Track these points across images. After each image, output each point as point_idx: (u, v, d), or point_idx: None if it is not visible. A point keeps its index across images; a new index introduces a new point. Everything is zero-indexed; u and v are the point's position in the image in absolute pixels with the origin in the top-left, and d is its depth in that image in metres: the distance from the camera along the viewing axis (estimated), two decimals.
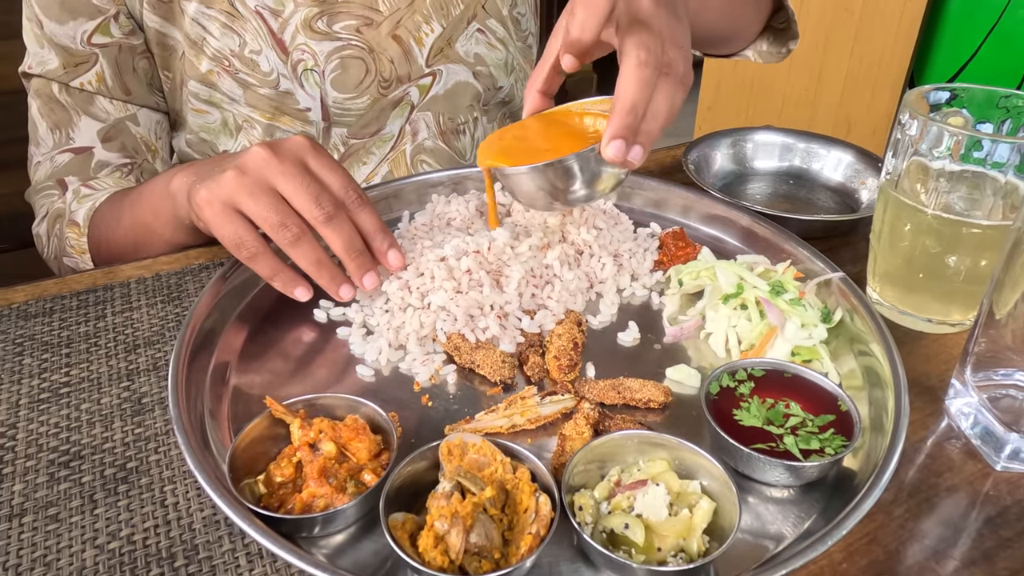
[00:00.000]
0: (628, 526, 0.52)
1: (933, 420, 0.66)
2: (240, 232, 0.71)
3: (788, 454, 0.57)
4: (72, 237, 0.95)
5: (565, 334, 0.72)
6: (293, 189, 0.71)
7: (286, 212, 0.71)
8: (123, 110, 0.99)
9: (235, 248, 0.72)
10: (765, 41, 1.13)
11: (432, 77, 1.06)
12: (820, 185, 1.04)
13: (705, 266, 0.79)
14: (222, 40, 0.96)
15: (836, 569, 0.54)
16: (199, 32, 0.96)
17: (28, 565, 0.53)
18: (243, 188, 0.70)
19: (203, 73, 0.98)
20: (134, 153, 1.01)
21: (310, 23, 0.97)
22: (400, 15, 1.01)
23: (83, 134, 0.97)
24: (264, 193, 0.70)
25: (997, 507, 0.59)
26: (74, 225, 0.95)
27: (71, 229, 0.95)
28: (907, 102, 0.70)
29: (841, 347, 0.72)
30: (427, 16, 1.03)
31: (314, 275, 0.73)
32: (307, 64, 0.98)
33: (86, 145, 0.98)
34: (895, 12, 2.53)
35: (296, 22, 0.97)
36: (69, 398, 0.67)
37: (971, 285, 0.72)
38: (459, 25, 1.06)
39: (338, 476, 0.56)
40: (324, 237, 0.72)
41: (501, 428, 0.63)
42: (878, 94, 2.68)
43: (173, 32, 0.97)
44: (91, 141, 0.98)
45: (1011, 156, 0.66)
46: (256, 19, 0.96)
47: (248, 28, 0.96)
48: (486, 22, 1.08)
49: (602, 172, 0.69)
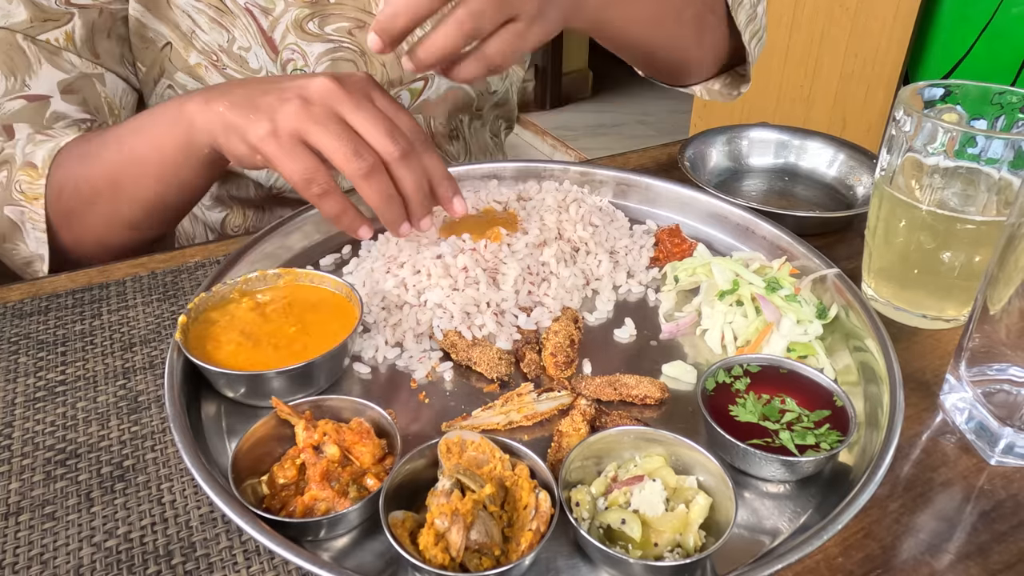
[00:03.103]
0: (625, 522, 0.52)
1: (928, 415, 0.67)
2: (311, 167, 0.68)
3: (784, 449, 0.58)
4: (24, 180, 0.84)
5: (562, 331, 0.72)
6: (365, 121, 0.68)
7: (360, 142, 0.68)
8: (90, 68, 0.92)
9: (305, 184, 0.69)
10: (719, 82, 1.10)
11: (424, 82, 1.06)
12: (815, 182, 1.04)
13: (701, 263, 0.79)
14: (210, 34, 0.95)
15: (832, 563, 0.54)
16: (189, 24, 0.94)
17: (25, 563, 0.53)
18: (311, 118, 0.67)
19: (191, 66, 0.96)
20: (95, 112, 0.93)
21: (301, 24, 0.96)
22: None
23: (41, 82, 0.89)
24: (335, 123, 0.67)
25: (991, 501, 0.59)
26: (29, 167, 0.84)
27: (24, 172, 0.84)
28: (901, 98, 0.70)
29: (836, 343, 0.73)
30: None
31: (382, 209, 0.70)
32: (297, 64, 0.97)
33: (43, 93, 0.89)
34: (890, 9, 2.54)
35: (287, 22, 0.96)
36: (65, 396, 0.67)
37: (965, 281, 0.72)
38: None
39: (340, 480, 0.56)
40: (395, 174, 0.69)
41: (498, 425, 0.63)
42: (873, 91, 2.69)
43: (155, 24, 0.95)
44: (49, 90, 0.89)
45: (1005, 152, 0.66)
46: (246, 16, 0.95)
47: (237, 24, 0.95)
48: None
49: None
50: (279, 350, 0.66)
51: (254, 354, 0.65)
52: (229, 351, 0.65)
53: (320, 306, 0.71)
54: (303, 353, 0.65)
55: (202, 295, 0.69)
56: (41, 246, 0.85)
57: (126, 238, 0.87)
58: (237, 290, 0.71)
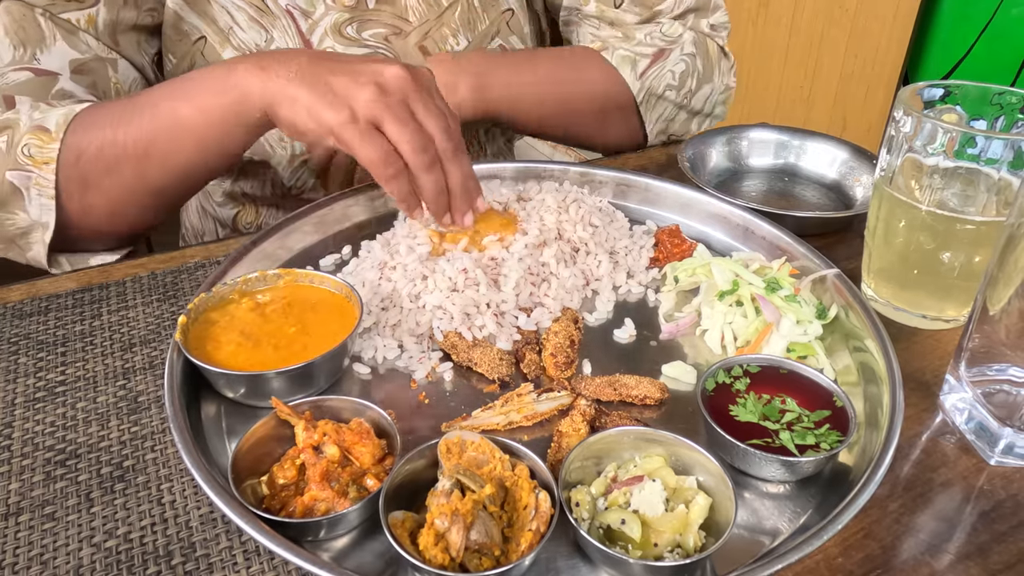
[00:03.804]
0: (625, 522, 0.52)
1: (928, 415, 0.67)
2: (388, 151, 0.72)
3: (784, 450, 0.58)
4: (35, 144, 0.80)
5: (562, 331, 0.72)
6: (429, 116, 0.74)
7: (427, 136, 0.73)
8: (106, 52, 0.92)
9: (382, 165, 0.72)
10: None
11: None
12: (815, 182, 1.04)
13: (701, 263, 0.79)
14: (248, 32, 0.96)
15: (831, 564, 0.54)
16: (228, 21, 0.95)
17: (25, 564, 0.53)
18: (388, 108, 0.71)
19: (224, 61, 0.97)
20: (103, 95, 0.93)
21: (339, 28, 0.97)
22: (429, 26, 1.02)
23: (53, 58, 0.87)
24: (408, 116, 0.72)
25: (991, 501, 0.59)
26: (40, 131, 0.81)
27: (33, 135, 0.81)
28: (901, 99, 0.70)
29: (836, 343, 0.73)
30: (454, 30, 1.03)
31: (434, 200, 0.76)
32: None
33: (52, 70, 0.87)
34: (890, 10, 2.54)
35: (326, 25, 0.97)
36: (65, 397, 0.67)
37: (965, 281, 0.72)
38: (483, 40, 1.06)
39: (340, 480, 0.55)
40: (445, 168, 0.75)
41: (498, 425, 0.63)
42: (873, 91, 2.69)
43: (192, 18, 0.96)
44: (60, 68, 0.88)
45: (1004, 152, 0.66)
46: (286, 17, 0.96)
47: (277, 25, 0.96)
48: (508, 39, 1.09)
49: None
50: (279, 350, 0.66)
51: (254, 354, 0.65)
52: (229, 351, 0.65)
53: (320, 306, 0.71)
54: (303, 353, 0.65)
55: (202, 295, 0.69)
56: (46, 213, 0.82)
57: (145, 206, 0.86)
58: (237, 290, 0.71)
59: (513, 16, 1.08)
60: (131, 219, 0.88)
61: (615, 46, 1.05)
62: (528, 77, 1.02)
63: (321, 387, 0.67)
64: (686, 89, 1.08)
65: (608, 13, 1.09)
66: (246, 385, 0.64)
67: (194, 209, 1.20)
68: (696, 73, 1.08)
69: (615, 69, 1.04)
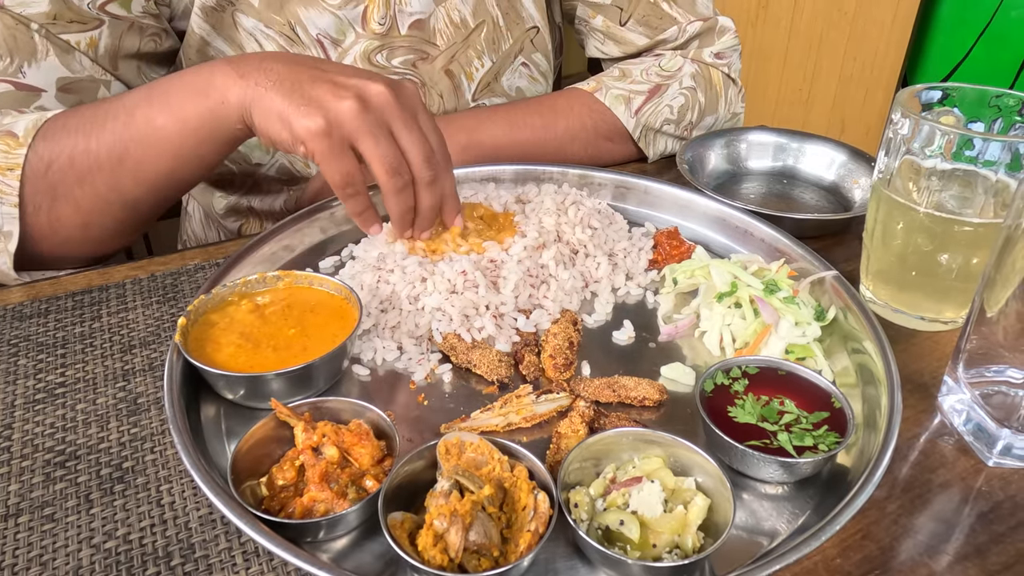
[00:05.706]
0: (623, 523, 0.52)
1: (926, 417, 0.67)
2: (352, 171, 0.72)
3: (782, 451, 0.58)
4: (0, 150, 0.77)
5: (561, 333, 0.72)
6: (410, 141, 0.72)
7: (401, 160, 0.72)
8: (101, 74, 0.88)
9: (342, 184, 0.72)
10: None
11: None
12: (813, 184, 1.04)
13: (699, 265, 0.80)
14: None
15: (830, 564, 0.54)
16: (255, 48, 0.94)
17: (24, 565, 0.53)
18: (365, 126, 0.69)
19: None
20: None
21: (369, 56, 0.97)
22: (455, 49, 1.02)
23: (40, 74, 0.83)
24: (385, 136, 0.71)
25: (989, 502, 0.59)
26: (8, 136, 0.77)
27: (1, 140, 0.77)
28: (899, 101, 0.71)
29: (835, 345, 0.73)
30: (480, 51, 1.03)
31: (400, 221, 0.76)
32: None
33: (37, 86, 0.83)
34: (888, 12, 2.54)
35: (356, 53, 0.96)
36: (65, 398, 0.67)
37: (963, 283, 0.72)
38: (507, 59, 1.06)
39: (339, 481, 0.56)
40: (418, 193, 0.75)
41: (497, 427, 0.63)
42: (871, 94, 2.70)
43: (218, 43, 0.95)
44: (45, 84, 0.83)
45: (1002, 154, 0.67)
46: (316, 47, 0.95)
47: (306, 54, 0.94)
48: (532, 56, 1.09)
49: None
50: (278, 352, 0.66)
51: (253, 356, 0.65)
52: (229, 353, 0.66)
53: (319, 308, 0.71)
54: (302, 355, 0.65)
55: (202, 297, 0.69)
56: (9, 222, 0.77)
57: (117, 219, 0.82)
58: (236, 292, 0.71)
59: (538, 33, 1.08)
60: (101, 234, 0.84)
61: (609, 85, 1.04)
62: (520, 134, 1.01)
63: (320, 388, 0.67)
64: (686, 122, 1.07)
65: (613, 30, 1.09)
66: (245, 386, 0.64)
67: (198, 220, 1.20)
68: (697, 106, 1.07)
69: (608, 109, 1.03)
